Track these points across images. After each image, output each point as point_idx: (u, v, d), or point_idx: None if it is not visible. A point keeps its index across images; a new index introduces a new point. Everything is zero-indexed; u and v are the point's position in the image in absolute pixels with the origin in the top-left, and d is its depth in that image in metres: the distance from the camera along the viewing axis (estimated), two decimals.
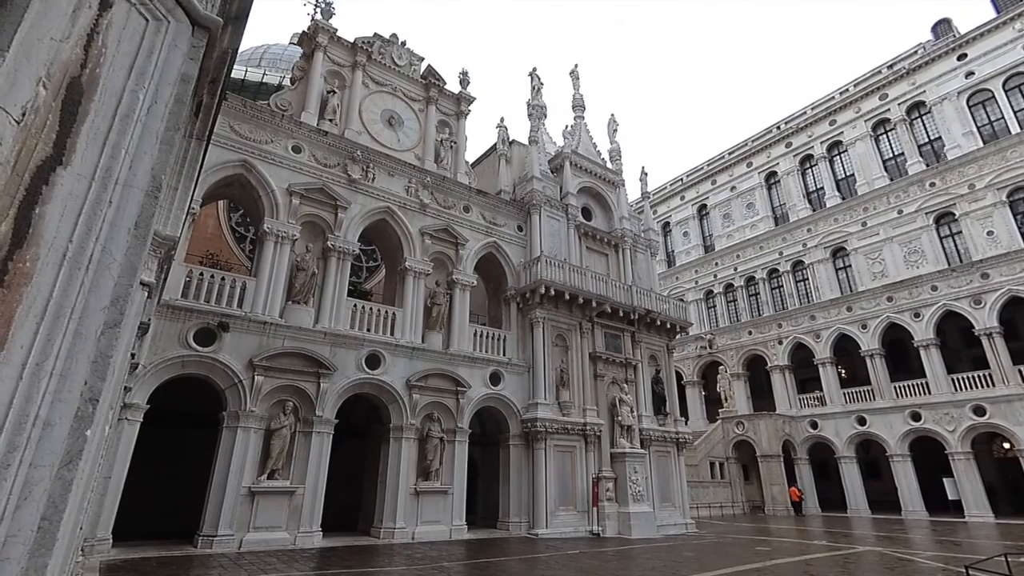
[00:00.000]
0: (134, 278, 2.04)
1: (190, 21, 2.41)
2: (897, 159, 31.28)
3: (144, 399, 11.88)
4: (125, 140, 2.04)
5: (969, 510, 24.77)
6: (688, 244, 41.00)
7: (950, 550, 15.36)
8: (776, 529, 21.58)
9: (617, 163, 24.73)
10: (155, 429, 12.87)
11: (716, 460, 30.91)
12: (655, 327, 22.19)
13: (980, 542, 17.15)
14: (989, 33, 28.86)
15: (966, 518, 24.48)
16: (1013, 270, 25.64)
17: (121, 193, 2.01)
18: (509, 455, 17.60)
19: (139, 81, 2.13)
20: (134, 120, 2.08)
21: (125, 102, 2.06)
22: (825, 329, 31.43)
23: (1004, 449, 26.96)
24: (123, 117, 2.04)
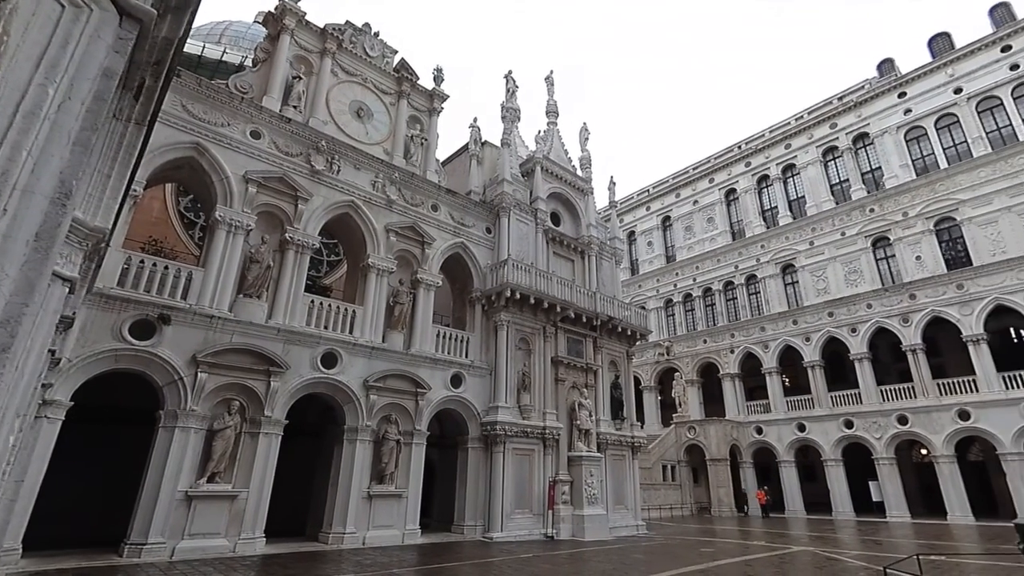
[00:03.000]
0: (31, 296, 1.86)
1: (117, 10, 2.15)
2: (843, 184, 31.90)
3: (68, 396, 10.23)
4: (27, 140, 1.80)
5: (890, 511, 25.46)
6: (651, 254, 40.92)
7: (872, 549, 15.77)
8: (721, 530, 21.48)
9: (587, 171, 24.08)
10: (82, 427, 11.24)
11: (668, 463, 30.77)
12: (616, 333, 21.63)
13: (898, 541, 17.62)
14: (925, 76, 29.74)
15: (887, 518, 25.14)
16: (937, 292, 26.41)
17: (20, 200, 1.78)
18: (467, 458, 16.58)
19: (49, 74, 1.90)
20: (40, 118, 1.85)
21: (30, 97, 1.83)
22: (773, 340, 31.77)
23: (922, 455, 27.81)
24: (27, 114, 1.81)
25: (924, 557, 10.79)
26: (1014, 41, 27.03)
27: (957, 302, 25.74)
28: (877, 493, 26.47)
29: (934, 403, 25.43)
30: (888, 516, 25.35)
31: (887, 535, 19.37)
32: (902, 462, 26.73)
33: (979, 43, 28.10)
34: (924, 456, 26.79)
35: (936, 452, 24.88)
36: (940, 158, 28.38)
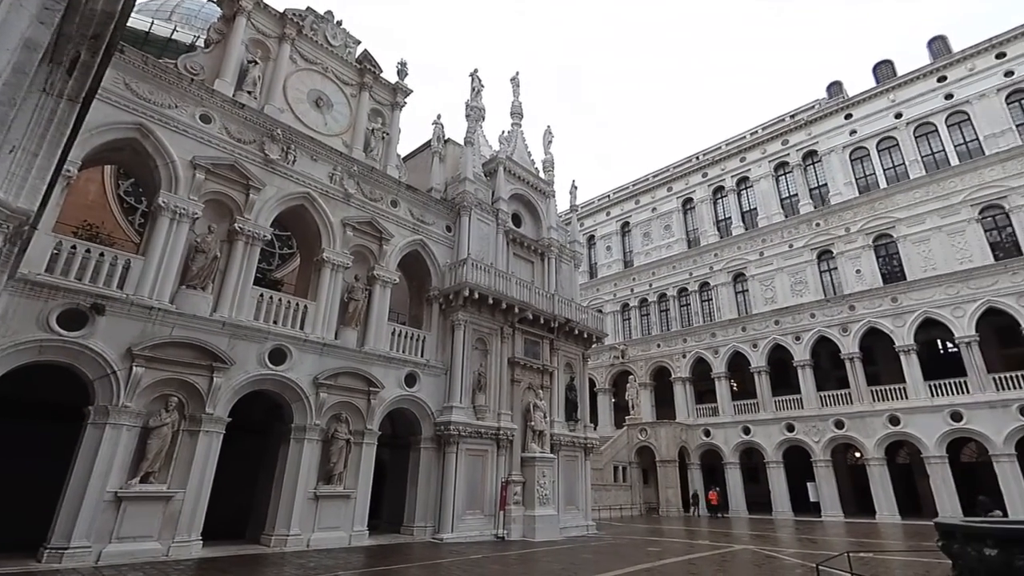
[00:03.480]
0: None
1: None
2: (792, 199, 33.43)
3: None
4: None
5: (825, 510, 26.87)
6: (610, 258, 41.66)
7: (808, 547, 16.44)
8: (668, 530, 22.06)
9: (550, 173, 24.27)
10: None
11: (620, 464, 31.39)
12: (573, 336, 21.90)
13: (831, 539, 18.51)
14: (870, 100, 31.57)
15: (822, 517, 26.49)
16: (873, 304, 28.08)
17: None
18: (419, 458, 16.39)
19: None
20: None
21: None
22: (723, 346, 32.95)
23: (855, 458, 29.45)
24: None
25: (854, 554, 11.37)
26: (949, 72, 29.04)
27: (891, 314, 27.41)
28: (814, 494, 27.86)
29: (868, 409, 27.00)
30: (823, 515, 26.72)
31: (822, 534, 20.37)
32: (837, 464, 28.26)
33: (918, 72, 30.06)
34: (857, 459, 28.37)
35: (868, 455, 26.44)
36: (880, 178, 30.18)
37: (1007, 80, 27.14)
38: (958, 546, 7.35)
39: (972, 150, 27.57)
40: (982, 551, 6.86)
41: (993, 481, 23.33)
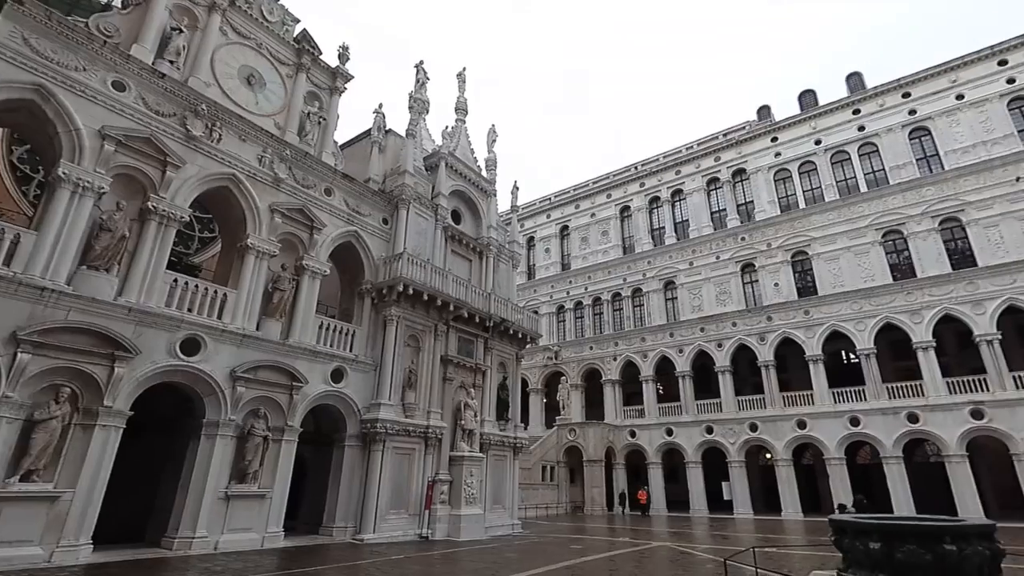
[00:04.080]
0: None
1: None
2: (721, 213, 35.41)
3: None
4: None
5: (737, 508, 28.68)
6: (548, 260, 42.35)
7: (719, 543, 17.41)
8: (592, 528, 22.70)
9: (492, 172, 24.31)
10: None
11: (548, 464, 31.96)
12: (508, 335, 22.06)
13: (741, 535, 19.71)
14: (793, 126, 34.01)
15: (734, 515, 28.26)
16: (788, 316, 30.28)
17: None
18: (343, 456, 15.92)
19: None
20: None
21: None
22: (652, 350, 34.38)
23: (766, 459, 31.62)
24: None
25: (759, 549, 12.08)
26: (862, 107, 31.81)
27: (804, 326, 29.66)
28: (728, 492, 29.66)
29: (779, 413, 29.07)
30: (735, 513, 28.49)
31: (733, 530, 21.69)
32: (750, 465, 30.23)
33: (836, 104, 32.73)
34: (768, 460, 30.46)
35: (778, 456, 28.47)
36: (800, 199, 32.58)
37: (911, 118, 30.09)
38: (848, 540, 7.91)
39: (879, 179, 30.34)
40: (868, 545, 7.45)
41: (883, 481, 25.77)
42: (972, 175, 27.36)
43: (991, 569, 6.96)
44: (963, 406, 24.69)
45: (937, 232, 27.60)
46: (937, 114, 29.33)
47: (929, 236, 27.66)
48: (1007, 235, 25.77)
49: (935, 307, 26.42)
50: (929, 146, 29.41)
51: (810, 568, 11.53)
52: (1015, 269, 25.08)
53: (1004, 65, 28.16)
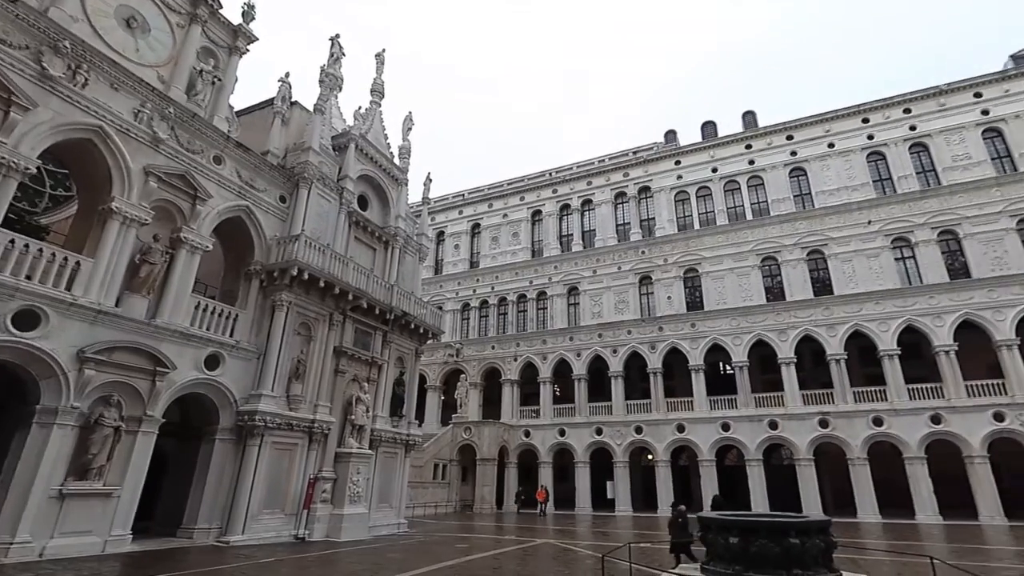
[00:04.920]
0: None
1: None
2: (626, 226, 37.30)
3: None
4: None
5: (619, 506, 30.30)
6: (457, 257, 42.04)
7: (600, 540, 18.23)
8: (480, 526, 22.77)
9: (405, 161, 23.61)
10: None
11: (441, 462, 31.65)
12: (409, 330, 21.53)
13: (621, 532, 20.81)
14: (695, 152, 36.69)
15: (615, 512, 29.83)
16: (678, 328, 32.57)
17: None
18: (213, 451, 14.52)
19: None
20: None
21: None
22: (551, 353, 35.37)
23: (648, 459, 33.70)
24: None
25: (635, 545, 12.72)
26: (753, 143, 35.06)
27: (690, 337, 32.04)
28: (611, 491, 31.25)
29: (663, 417, 31.15)
30: (617, 511, 30.06)
31: (613, 527, 22.83)
32: (632, 465, 32.08)
33: (731, 138, 35.83)
34: (649, 460, 32.48)
35: (658, 457, 30.49)
36: (696, 220, 35.20)
37: (792, 158, 33.66)
38: (711, 536, 8.66)
39: (763, 209, 33.59)
40: (728, 540, 8.22)
41: (745, 481, 28.50)
42: (835, 215, 31.20)
43: (825, 558, 7.92)
44: (813, 416, 28.03)
45: (804, 262, 31.13)
46: (812, 158, 33.11)
47: (798, 265, 31.12)
48: (858, 269, 29.67)
49: (798, 328, 29.75)
50: (804, 185, 33.11)
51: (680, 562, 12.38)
52: (863, 299, 28.92)
53: (866, 123, 32.46)
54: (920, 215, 29.34)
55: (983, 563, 12.95)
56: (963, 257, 28.19)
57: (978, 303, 26.81)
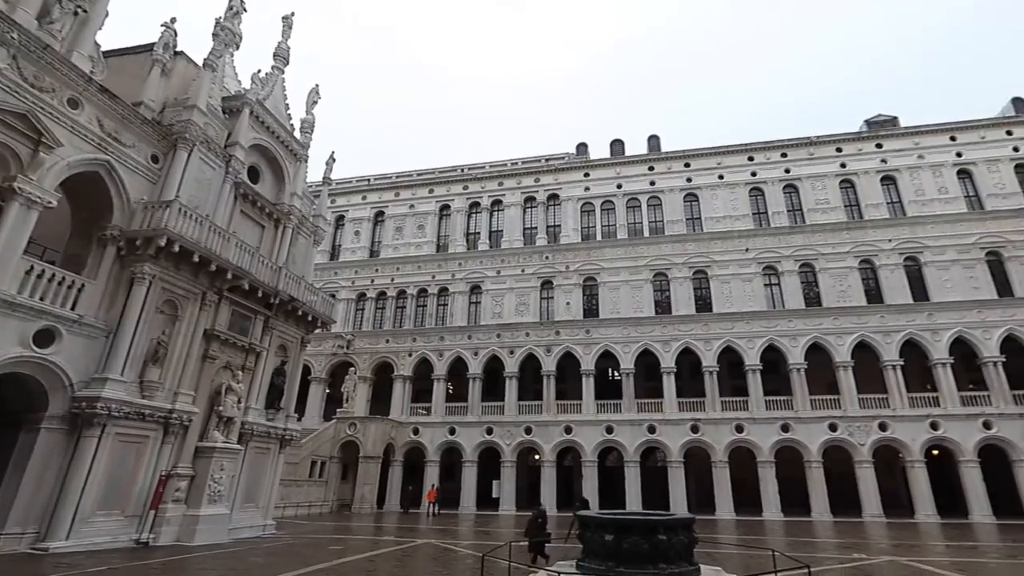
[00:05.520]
0: None
1: None
2: (533, 230, 38.00)
3: None
4: None
5: (504, 505, 30.67)
6: (357, 244, 40.19)
7: (482, 539, 18.31)
8: (358, 527, 21.90)
9: (307, 136, 22.02)
10: None
11: (320, 459, 29.94)
12: (296, 316, 20.05)
13: (503, 531, 21.02)
14: (602, 167, 38.36)
15: (499, 512, 30.14)
16: (573, 333, 33.76)
17: None
18: (36, 442, 12.33)
19: None
20: None
21: None
22: (448, 350, 34.98)
23: (535, 460, 34.48)
24: None
25: (516, 544, 12.78)
26: (656, 165, 37.37)
27: (584, 343, 33.30)
28: (497, 490, 31.54)
29: (552, 419, 32.06)
30: (500, 510, 30.38)
31: (496, 526, 22.99)
32: (519, 465, 32.63)
33: (636, 158, 37.99)
34: (536, 460, 33.22)
35: (545, 458, 31.32)
36: (598, 232, 36.72)
37: (687, 184, 36.31)
38: (589, 534, 8.80)
39: (659, 228, 35.87)
40: (604, 537, 8.39)
41: (623, 482, 30.12)
42: (720, 240, 34.16)
43: (687, 552, 8.49)
44: (687, 422, 30.38)
45: (691, 280, 33.70)
46: (705, 186, 35.99)
47: (685, 282, 33.63)
48: (735, 291, 32.71)
49: (680, 340, 32.12)
50: (696, 210, 35.87)
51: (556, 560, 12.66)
52: (736, 318, 31.91)
53: (751, 161, 35.97)
54: (787, 248, 33.03)
55: (812, 554, 14.73)
56: (817, 288, 32.16)
57: (825, 328, 30.72)
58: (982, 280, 30.17)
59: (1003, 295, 29.64)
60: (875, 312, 30.59)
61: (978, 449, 27.13)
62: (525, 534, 12.43)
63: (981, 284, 30.10)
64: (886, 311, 30.46)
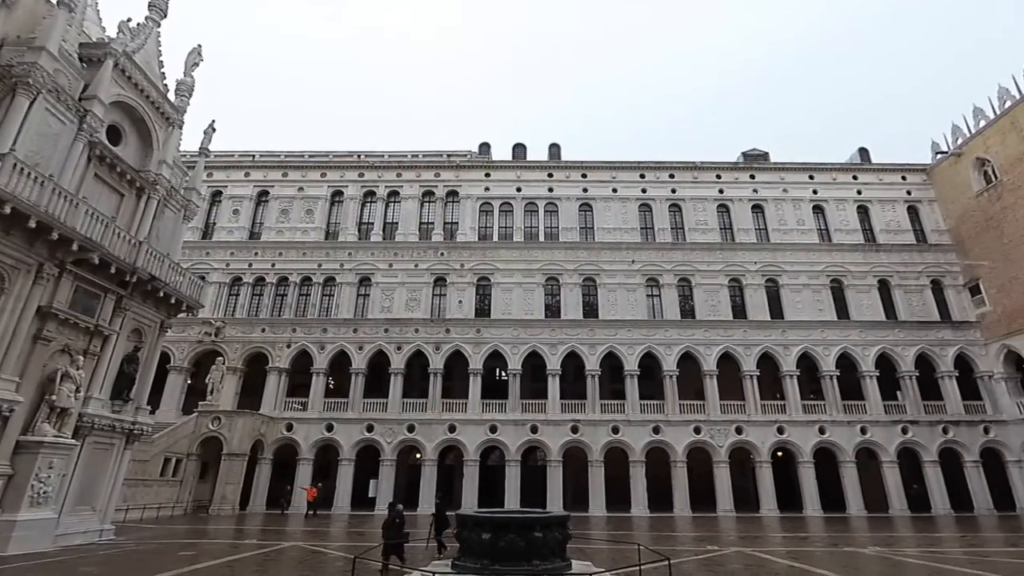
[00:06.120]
0: None
1: None
2: (429, 225, 38.18)
3: None
4: None
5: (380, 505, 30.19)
6: (235, 223, 37.56)
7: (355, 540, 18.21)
8: (215, 530, 20.76)
9: (184, 100, 20.39)
10: None
11: (175, 456, 27.66)
12: (156, 298, 18.52)
13: (378, 531, 20.73)
14: (504, 170, 39.68)
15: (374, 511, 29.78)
16: (464, 331, 34.43)
17: None
18: None
19: None
20: None
21: None
22: (331, 343, 34.03)
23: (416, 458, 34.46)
24: None
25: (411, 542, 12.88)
26: (555, 173, 39.36)
27: (474, 342, 34.17)
28: (373, 490, 31.30)
29: (436, 417, 32.52)
30: (376, 510, 30.10)
31: (371, 527, 22.73)
32: (400, 463, 32.62)
33: (537, 164, 39.96)
34: (418, 459, 33.36)
35: (426, 456, 31.69)
36: (495, 233, 37.84)
37: (583, 194, 38.70)
38: (466, 532, 9.20)
39: (554, 234, 37.82)
40: (481, 536, 8.84)
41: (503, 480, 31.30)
42: (610, 250, 36.85)
43: (560, 549, 9.13)
44: (568, 422, 32.40)
45: (580, 286, 35.99)
46: (600, 197, 38.61)
47: (575, 288, 35.83)
48: (620, 300, 35.48)
49: (567, 344, 34.17)
50: (590, 220, 38.35)
51: (431, 560, 12.94)
52: (619, 325, 34.62)
53: (643, 179, 39.25)
54: (669, 263, 36.52)
55: (672, 547, 16.58)
56: (692, 302, 35.93)
57: (697, 339, 34.42)
58: (826, 304, 35.66)
59: (841, 318, 35.26)
60: (739, 327, 34.85)
61: (814, 451, 32.02)
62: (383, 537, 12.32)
63: (825, 307, 35.55)
64: (748, 326, 34.84)
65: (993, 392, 33.29)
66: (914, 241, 37.75)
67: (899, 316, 35.35)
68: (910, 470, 32.50)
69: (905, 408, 33.30)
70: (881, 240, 37.65)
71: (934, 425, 32.51)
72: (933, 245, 37.35)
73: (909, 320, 35.07)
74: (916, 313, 35.41)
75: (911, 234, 38.06)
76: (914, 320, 35.09)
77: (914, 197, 39.05)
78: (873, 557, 15.46)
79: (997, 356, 33.31)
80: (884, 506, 31.03)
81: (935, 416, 32.81)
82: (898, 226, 38.18)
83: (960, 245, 36.61)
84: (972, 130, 36.23)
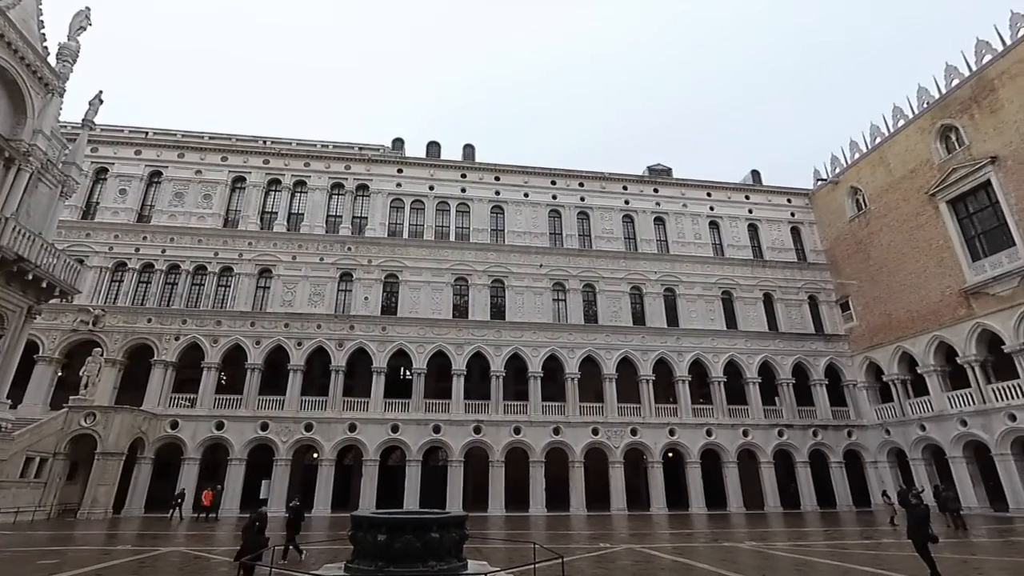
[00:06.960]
0: None
1: None
2: (337, 219, 38.63)
3: None
4: None
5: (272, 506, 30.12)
6: (122, 204, 36.09)
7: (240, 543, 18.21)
8: (83, 536, 20.05)
9: (66, 65, 20.08)
10: None
11: (39, 455, 26.36)
12: (24, 281, 18.19)
13: (268, 533, 21.03)
14: (417, 167, 40.71)
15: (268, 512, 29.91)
16: (367, 328, 35.25)
17: None
18: None
19: None
20: None
21: None
22: (225, 337, 33.62)
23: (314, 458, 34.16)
24: None
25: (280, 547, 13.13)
26: (468, 174, 41.14)
27: (379, 340, 35.06)
28: (265, 491, 31.24)
29: (336, 416, 33.02)
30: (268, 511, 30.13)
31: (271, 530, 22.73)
32: (295, 464, 32.75)
33: (450, 163, 41.44)
34: (315, 459, 33.65)
35: (323, 456, 32.14)
36: (405, 230, 39.00)
37: (495, 196, 40.74)
38: (361, 534, 9.36)
39: (465, 235, 39.51)
40: (376, 537, 9.04)
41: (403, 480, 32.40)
42: (519, 253, 39.13)
43: (457, 549, 9.52)
44: (471, 423, 34.10)
45: (488, 288, 37.93)
46: (511, 201, 40.87)
47: (483, 289, 37.73)
48: (527, 303, 37.79)
49: (473, 344, 35.92)
50: (502, 222, 40.47)
51: (324, 563, 13.05)
52: (525, 328, 36.88)
53: (554, 185, 42.03)
54: (575, 268, 39.36)
55: (567, 545, 17.81)
56: (595, 307, 38.93)
57: (599, 344, 37.35)
58: (717, 314, 39.89)
59: (730, 327, 39.59)
60: (639, 333, 38.19)
61: (701, 452, 35.70)
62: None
63: (716, 317, 39.77)
64: (647, 332, 38.28)
65: (856, 399, 38.85)
66: (795, 259, 43.13)
67: (780, 327, 40.26)
68: (785, 470, 37.16)
69: (782, 413, 37.92)
70: (767, 257, 42.69)
71: (806, 429, 37.37)
72: (811, 264, 42.90)
73: (788, 332, 40.06)
74: (795, 325, 40.52)
75: (793, 252, 43.46)
76: (793, 332, 40.14)
77: (797, 219, 44.64)
78: (749, 551, 16.93)
79: (861, 367, 38.94)
80: (760, 503, 35.25)
81: (807, 420, 37.71)
82: (782, 244, 43.48)
83: (834, 265, 42.34)
84: (848, 161, 42.05)
